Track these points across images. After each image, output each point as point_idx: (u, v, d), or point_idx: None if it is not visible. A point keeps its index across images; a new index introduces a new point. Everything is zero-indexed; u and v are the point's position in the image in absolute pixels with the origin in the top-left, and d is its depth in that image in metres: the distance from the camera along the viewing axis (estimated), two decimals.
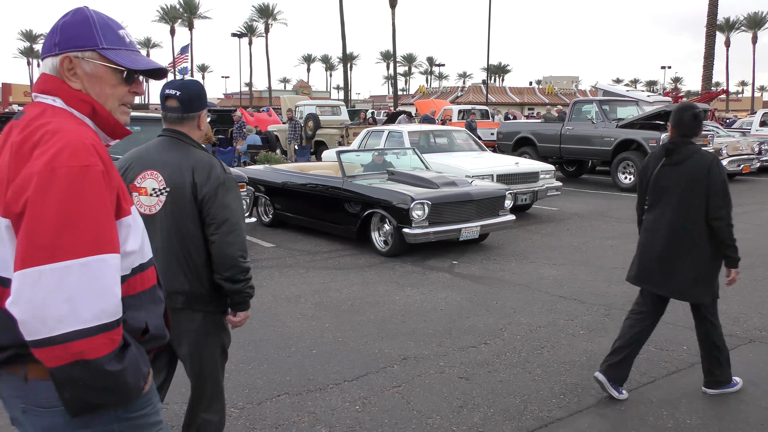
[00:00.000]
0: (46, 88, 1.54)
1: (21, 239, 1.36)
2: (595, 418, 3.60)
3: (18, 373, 1.48)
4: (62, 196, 1.36)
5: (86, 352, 1.35)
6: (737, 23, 74.30)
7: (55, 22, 1.58)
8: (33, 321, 1.33)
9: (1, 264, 1.44)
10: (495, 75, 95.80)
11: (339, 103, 24.82)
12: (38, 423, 1.49)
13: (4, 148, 1.49)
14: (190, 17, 71.23)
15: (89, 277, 1.36)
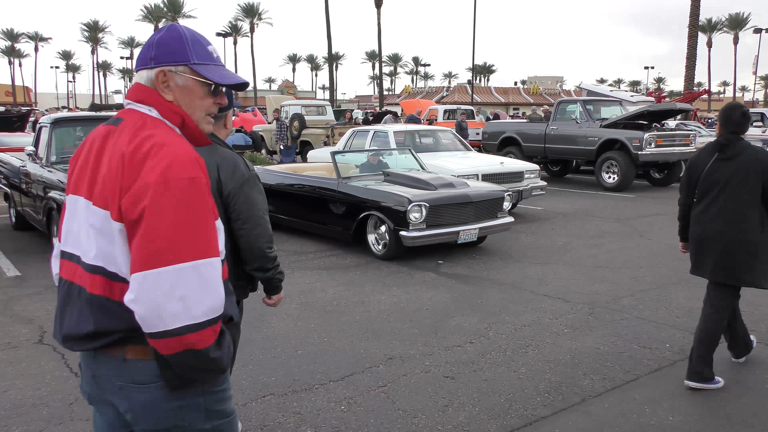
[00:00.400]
0: (142, 98, 1.69)
1: (139, 244, 1.51)
2: (580, 416, 3.63)
3: (116, 354, 1.65)
4: (175, 206, 1.52)
5: (196, 343, 1.54)
6: (719, 24, 75.08)
7: (151, 36, 1.74)
8: (151, 317, 1.50)
9: (109, 260, 1.60)
10: (480, 75, 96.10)
11: (324, 103, 24.77)
12: (135, 398, 1.64)
13: (104, 151, 1.65)
14: (174, 16, 70.78)
15: (199, 279, 1.53)
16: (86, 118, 9.17)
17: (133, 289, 1.51)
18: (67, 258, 1.74)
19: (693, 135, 14.76)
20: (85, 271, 1.64)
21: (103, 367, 1.68)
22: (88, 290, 1.63)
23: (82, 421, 3.53)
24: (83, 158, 1.73)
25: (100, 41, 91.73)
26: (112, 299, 1.60)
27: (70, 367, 4.28)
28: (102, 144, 1.67)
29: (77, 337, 1.67)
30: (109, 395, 1.69)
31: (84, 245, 1.65)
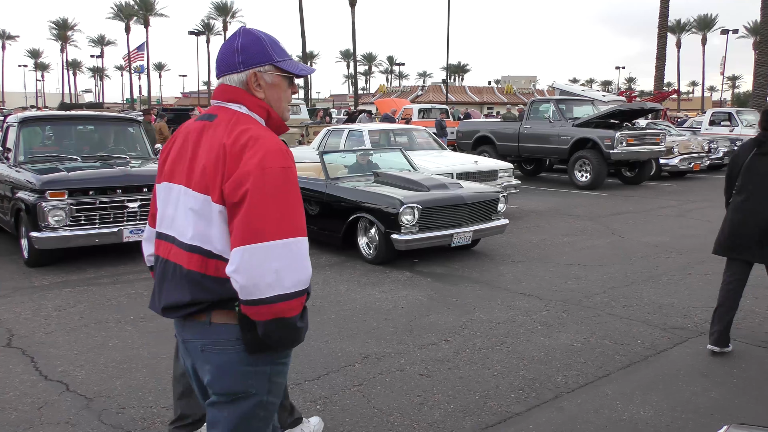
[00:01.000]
0: (231, 97, 1.93)
1: (240, 223, 1.73)
2: (553, 411, 3.67)
3: (203, 319, 1.88)
4: (272, 191, 1.74)
5: (285, 311, 1.75)
6: (688, 25, 76.41)
7: (228, 43, 1.95)
8: (249, 286, 1.71)
9: (205, 240, 1.83)
10: (455, 74, 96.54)
11: (299, 102, 24.66)
12: (214, 358, 1.87)
13: (200, 143, 1.88)
14: (145, 14, 69.77)
15: (290, 254, 1.74)
16: (55, 117, 9.02)
17: (234, 261, 1.72)
18: (162, 239, 1.99)
19: (663, 134, 15.00)
20: (181, 250, 1.88)
21: (189, 332, 1.91)
22: (185, 267, 1.87)
23: (51, 425, 3.47)
24: (177, 150, 1.97)
25: (70, 39, 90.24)
26: (206, 274, 1.83)
27: (40, 370, 4.21)
28: (198, 138, 1.90)
29: (175, 307, 1.91)
30: (194, 360, 1.93)
31: (180, 227, 1.89)
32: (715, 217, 10.38)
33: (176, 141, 2.02)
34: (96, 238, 6.80)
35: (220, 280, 1.80)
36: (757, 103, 28.44)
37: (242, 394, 1.87)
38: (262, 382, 1.88)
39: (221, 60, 1.95)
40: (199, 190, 1.84)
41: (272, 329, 1.76)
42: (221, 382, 1.87)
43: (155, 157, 8.53)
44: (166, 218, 1.97)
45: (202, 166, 1.84)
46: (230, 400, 1.89)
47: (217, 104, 1.95)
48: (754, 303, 5.71)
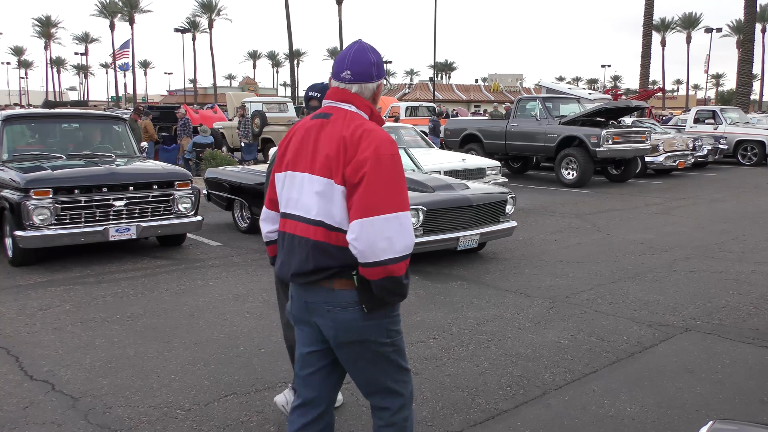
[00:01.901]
0: (344, 99, 2.34)
1: (359, 199, 2.14)
2: (541, 408, 3.69)
3: (327, 285, 2.27)
4: (386, 173, 2.16)
5: (395, 271, 2.17)
6: (672, 23, 76.97)
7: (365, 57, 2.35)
8: (366, 251, 2.13)
9: (328, 215, 2.23)
10: (442, 72, 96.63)
11: (286, 100, 24.56)
12: (339, 317, 2.27)
13: (320, 137, 2.28)
14: (130, 12, 69.17)
15: (400, 225, 2.15)
16: (39, 115, 8.94)
17: (354, 230, 2.13)
18: (288, 217, 2.37)
19: (648, 132, 15.11)
20: (308, 225, 2.27)
21: (315, 296, 2.31)
22: (312, 239, 2.26)
23: (37, 425, 3.44)
24: (298, 144, 2.36)
25: (54, 37, 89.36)
26: (330, 243, 2.23)
27: (25, 369, 4.17)
28: (318, 133, 2.30)
29: (302, 273, 2.30)
30: (315, 317, 2.32)
31: (305, 206, 2.28)
32: (699, 214, 10.49)
33: (294, 136, 2.41)
34: (81, 237, 6.75)
35: (341, 248, 2.21)
36: (740, 101, 28.74)
37: (364, 341, 2.31)
38: (379, 332, 2.32)
39: (360, 71, 2.34)
40: (322, 175, 2.23)
41: (384, 286, 2.18)
42: (346, 334, 2.29)
43: (141, 156, 8.48)
44: (291, 201, 2.36)
45: (325, 155, 2.24)
46: (355, 348, 2.32)
47: (330, 104, 2.36)
48: (738, 299, 5.77)
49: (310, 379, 2.45)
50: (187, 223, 7.50)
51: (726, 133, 19.49)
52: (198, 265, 7.05)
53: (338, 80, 2.36)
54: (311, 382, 2.45)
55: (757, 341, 4.74)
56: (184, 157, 16.03)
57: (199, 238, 8.32)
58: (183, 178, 7.51)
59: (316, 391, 2.45)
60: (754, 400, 3.81)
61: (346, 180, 2.18)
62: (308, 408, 2.46)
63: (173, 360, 4.36)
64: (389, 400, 2.43)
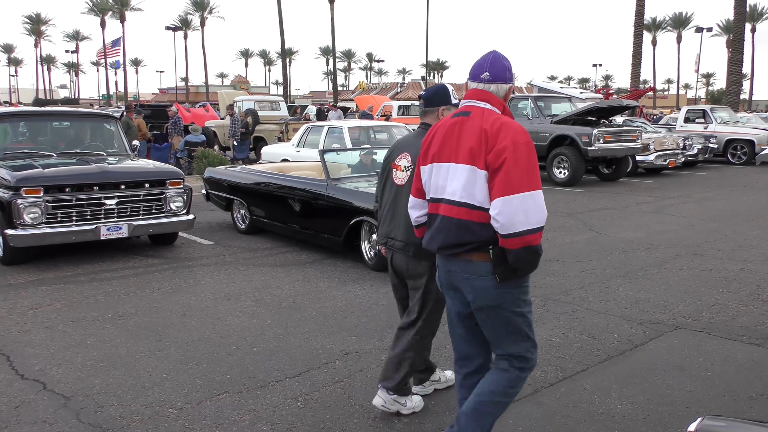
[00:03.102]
0: (482, 98, 2.75)
1: (500, 181, 2.52)
2: (532, 406, 3.71)
3: (466, 257, 2.69)
4: (523, 158, 2.54)
5: (531, 241, 2.53)
6: (663, 23, 77.28)
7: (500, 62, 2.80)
8: (507, 224, 2.50)
9: (471, 197, 2.62)
10: (434, 71, 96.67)
11: (278, 99, 24.54)
12: (476, 284, 2.68)
13: (463, 131, 2.69)
14: (121, 9, 68.73)
15: (534, 202, 2.52)
16: (30, 113, 8.88)
17: (497, 207, 2.52)
18: (437, 201, 2.78)
19: (639, 131, 15.18)
20: (454, 207, 2.67)
21: (456, 266, 2.74)
22: (456, 217, 2.66)
23: (28, 424, 3.43)
24: (442, 139, 2.77)
25: (44, 34, 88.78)
26: (472, 221, 2.62)
27: (16, 369, 4.15)
28: (461, 128, 2.71)
29: (447, 246, 2.72)
30: (457, 283, 2.76)
31: (451, 191, 2.68)
32: (690, 213, 10.55)
33: (437, 133, 2.82)
34: (72, 235, 6.72)
35: (482, 224, 2.60)
36: (730, 101, 28.89)
37: (495, 307, 2.69)
38: (510, 299, 2.69)
39: (497, 73, 2.77)
40: (466, 163, 2.64)
41: (521, 254, 2.54)
42: (482, 300, 2.69)
43: (133, 154, 8.45)
44: (438, 188, 2.78)
45: (469, 146, 2.64)
46: (488, 312, 2.71)
47: (468, 103, 2.77)
48: (728, 297, 5.82)
49: (465, 337, 2.93)
50: (179, 222, 7.48)
51: (716, 132, 19.61)
52: (190, 263, 7.03)
53: (477, 81, 2.79)
54: (467, 338, 2.93)
55: (746, 339, 4.78)
56: (175, 156, 15.98)
57: (191, 236, 8.30)
58: (175, 177, 7.49)
59: (470, 345, 2.94)
60: (743, 396, 3.84)
61: (488, 165, 2.57)
62: (468, 361, 2.96)
63: (165, 359, 4.35)
64: (511, 361, 2.82)
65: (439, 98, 3.45)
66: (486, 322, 2.76)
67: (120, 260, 7.12)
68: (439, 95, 3.46)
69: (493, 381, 2.83)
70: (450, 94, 3.47)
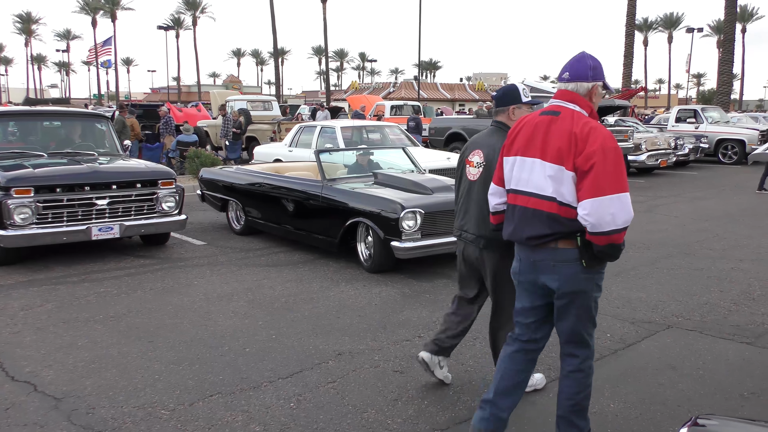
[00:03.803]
0: (570, 99, 2.87)
1: (589, 183, 2.67)
2: (526, 406, 3.70)
3: (552, 246, 2.86)
4: (611, 162, 2.69)
5: (616, 239, 2.71)
6: (654, 23, 77.58)
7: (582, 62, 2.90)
8: (596, 223, 2.67)
9: (559, 194, 2.78)
10: (426, 71, 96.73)
11: (270, 98, 24.50)
12: (563, 271, 2.85)
13: (550, 130, 2.83)
14: (112, 8, 68.38)
15: (621, 203, 2.68)
16: (20, 112, 8.83)
17: (586, 207, 2.68)
18: (520, 193, 2.93)
19: (630, 131, 15.23)
20: (542, 200, 2.83)
21: (542, 255, 2.88)
22: (546, 211, 2.82)
23: (19, 426, 3.41)
24: (529, 134, 2.91)
25: (34, 33, 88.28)
26: (560, 215, 2.79)
27: (6, 370, 4.12)
28: (548, 127, 2.84)
29: (536, 237, 2.86)
30: (541, 273, 2.91)
31: (538, 185, 2.84)
32: (681, 212, 10.60)
33: (523, 128, 2.96)
34: (63, 236, 6.68)
35: (569, 219, 2.77)
36: (721, 101, 29.03)
37: (580, 291, 2.87)
38: (592, 285, 2.90)
39: (576, 71, 2.88)
40: (553, 162, 2.79)
41: (606, 250, 2.75)
42: (568, 285, 2.86)
43: (124, 154, 8.41)
44: (521, 180, 2.93)
45: (557, 147, 2.77)
46: (572, 297, 2.88)
47: (557, 103, 2.89)
48: (719, 296, 5.84)
49: (531, 326, 3.10)
50: (170, 222, 7.45)
51: (707, 132, 19.71)
52: (182, 264, 7.00)
53: (560, 81, 2.93)
54: (531, 327, 3.10)
55: (738, 337, 4.81)
56: (167, 156, 15.91)
57: (183, 237, 8.26)
58: (167, 177, 7.46)
59: (536, 335, 3.11)
60: (734, 395, 3.86)
61: (577, 168, 2.72)
62: (527, 342, 3.13)
63: (157, 360, 4.33)
64: (580, 349, 3.04)
65: (509, 98, 3.59)
66: (566, 308, 2.93)
67: (111, 261, 7.08)
68: (508, 95, 3.61)
69: (572, 384, 3.04)
70: (520, 93, 3.59)
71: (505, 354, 3.16)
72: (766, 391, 3.91)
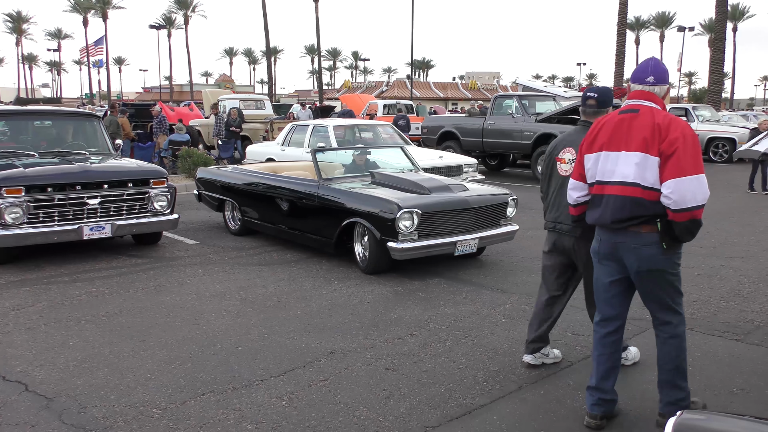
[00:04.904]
0: (647, 98, 3.26)
1: (672, 165, 3.05)
2: (517, 402, 3.73)
3: (634, 229, 3.21)
4: (691, 147, 3.07)
5: (696, 214, 3.06)
6: (646, 22, 77.86)
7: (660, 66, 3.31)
8: (678, 201, 3.03)
9: (643, 179, 3.14)
10: (419, 70, 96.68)
11: (263, 98, 24.44)
12: (643, 252, 3.21)
13: (633, 125, 3.20)
14: (103, 7, 68.14)
15: (699, 183, 3.04)
16: (11, 112, 8.78)
17: (670, 186, 3.04)
18: (607, 183, 3.28)
19: None
20: (626, 186, 3.18)
21: (624, 237, 3.24)
22: (630, 196, 3.17)
23: (10, 426, 3.40)
24: (610, 131, 3.27)
25: (25, 32, 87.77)
26: (644, 199, 3.14)
27: None
28: (630, 123, 3.22)
29: (620, 220, 3.21)
30: (622, 253, 3.27)
31: (622, 174, 3.19)
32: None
33: (604, 126, 3.32)
34: (55, 235, 6.66)
35: (652, 202, 3.12)
36: (712, 99, 29.17)
37: (658, 270, 3.23)
38: (670, 264, 3.25)
39: (659, 76, 3.28)
40: (639, 151, 3.15)
41: (687, 226, 3.08)
42: (647, 264, 3.22)
43: (116, 153, 8.38)
44: (606, 172, 3.28)
45: (641, 137, 3.14)
46: (653, 275, 3.24)
47: (635, 102, 3.26)
48: (709, 293, 5.88)
49: (611, 301, 3.42)
50: (162, 222, 7.44)
51: (698, 130, 19.77)
52: (174, 263, 6.99)
53: (642, 84, 3.29)
54: (612, 303, 3.41)
55: (727, 334, 4.84)
56: (159, 155, 15.87)
57: (176, 236, 8.25)
58: (158, 176, 7.44)
59: (616, 309, 3.42)
60: (723, 391, 3.89)
61: (662, 153, 3.07)
62: (609, 322, 3.43)
63: (149, 359, 4.33)
64: (671, 315, 3.36)
65: (610, 101, 4.01)
66: (646, 285, 3.29)
67: (103, 260, 7.06)
68: (610, 98, 4.01)
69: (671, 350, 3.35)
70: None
71: (595, 340, 3.47)
72: (754, 387, 3.95)
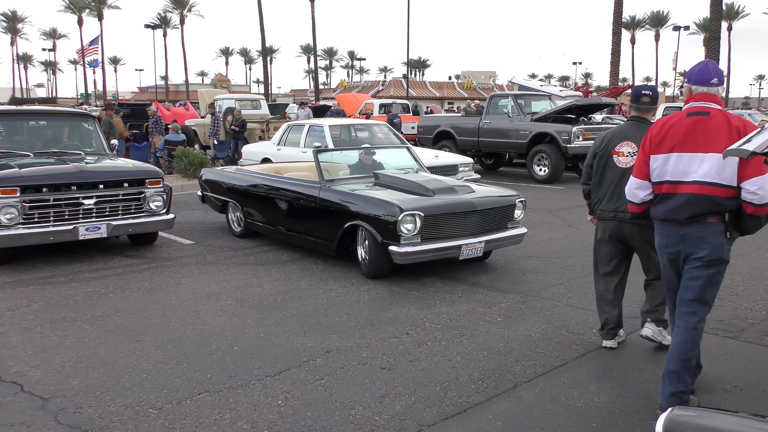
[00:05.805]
0: (711, 100, 3.41)
1: (754, 166, 3.17)
2: (512, 401, 3.75)
3: (702, 221, 3.39)
4: None
5: None
6: (642, 21, 78.02)
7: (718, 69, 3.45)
8: (764, 196, 3.20)
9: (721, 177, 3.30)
10: (415, 69, 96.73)
11: (259, 97, 24.41)
12: (711, 240, 3.38)
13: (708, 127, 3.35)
14: (98, 7, 67.98)
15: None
16: (6, 112, 8.76)
17: (756, 183, 3.19)
18: (679, 183, 3.43)
19: None
20: (705, 186, 3.33)
21: (693, 229, 3.41)
22: (707, 194, 3.33)
23: (5, 426, 3.41)
24: (682, 134, 3.42)
25: (20, 32, 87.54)
26: (720, 196, 3.31)
27: None
28: (704, 126, 3.37)
29: (694, 216, 3.37)
30: (688, 244, 3.45)
31: (703, 174, 3.33)
32: None
33: (673, 128, 3.46)
34: (50, 236, 6.66)
35: (726, 198, 3.30)
36: None
37: (719, 259, 3.42)
38: (728, 254, 3.45)
39: (721, 78, 3.43)
40: (716, 152, 3.26)
41: (764, 220, 3.30)
42: (712, 254, 3.39)
43: (111, 153, 8.38)
44: (678, 172, 3.43)
45: (722, 139, 3.25)
46: (713, 264, 3.41)
47: (701, 104, 3.40)
48: None
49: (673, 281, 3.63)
50: (158, 222, 7.44)
51: None
52: (170, 263, 6.99)
53: (706, 86, 3.42)
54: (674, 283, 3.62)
55: (721, 332, 4.87)
56: (155, 155, 15.85)
57: (171, 236, 8.24)
58: (154, 176, 7.44)
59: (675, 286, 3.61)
60: (716, 388, 3.91)
61: None
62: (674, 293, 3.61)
63: (145, 359, 4.33)
64: (701, 308, 3.49)
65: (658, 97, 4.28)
66: (705, 273, 3.43)
67: (99, 260, 7.06)
68: (658, 95, 4.32)
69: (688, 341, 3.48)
70: None
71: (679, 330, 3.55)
72: (748, 385, 3.97)
